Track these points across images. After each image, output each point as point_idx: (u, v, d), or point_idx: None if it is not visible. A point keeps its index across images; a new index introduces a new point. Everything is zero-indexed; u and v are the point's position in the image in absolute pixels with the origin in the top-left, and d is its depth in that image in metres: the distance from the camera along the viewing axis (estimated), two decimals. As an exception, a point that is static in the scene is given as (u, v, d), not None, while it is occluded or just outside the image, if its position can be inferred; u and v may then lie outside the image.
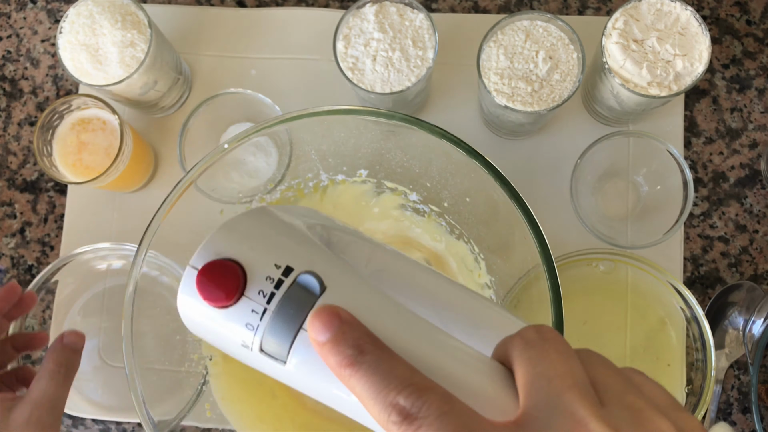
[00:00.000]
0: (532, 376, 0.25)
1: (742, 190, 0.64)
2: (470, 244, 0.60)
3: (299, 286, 0.28)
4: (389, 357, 0.25)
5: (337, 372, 0.25)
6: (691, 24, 0.55)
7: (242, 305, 0.28)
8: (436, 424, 0.23)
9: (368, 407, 0.24)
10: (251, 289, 0.28)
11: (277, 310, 0.28)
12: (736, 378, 0.63)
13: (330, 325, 0.26)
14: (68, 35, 0.58)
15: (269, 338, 0.28)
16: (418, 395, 0.24)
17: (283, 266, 0.29)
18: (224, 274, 0.28)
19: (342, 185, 0.61)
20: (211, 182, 0.58)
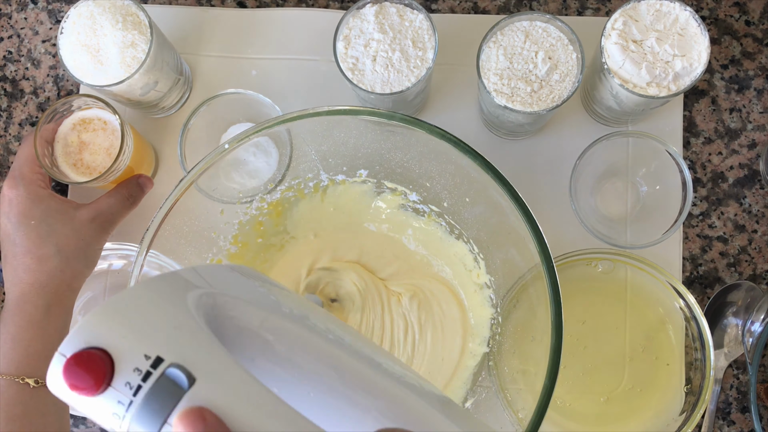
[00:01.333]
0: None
1: (741, 190, 0.65)
2: (470, 244, 0.60)
3: (167, 379, 0.28)
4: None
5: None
6: (690, 24, 0.55)
7: (109, 395, 0.28)
8: None
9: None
10: (118, 379, 0.28)
11: (143, 403, 0.28)
12: (734, 377, 0.63)
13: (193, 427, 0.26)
14: (69, 36, 0.58)
15: (136, 429, 0.28)
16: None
17: (153, 357, 0.28)
18: (91, 365, 0.28)
19: (342, 185, 0.61)
20: (211, 182, 0.58)
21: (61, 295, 0.56)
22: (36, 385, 0.52)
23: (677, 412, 0.60)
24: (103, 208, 0.59)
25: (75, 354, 0.29)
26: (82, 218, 0.58)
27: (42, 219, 0.56)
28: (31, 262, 0.55)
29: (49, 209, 0.56)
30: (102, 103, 0.59)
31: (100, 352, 0.28)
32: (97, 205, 0.59)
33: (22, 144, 0.59)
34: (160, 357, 0.28)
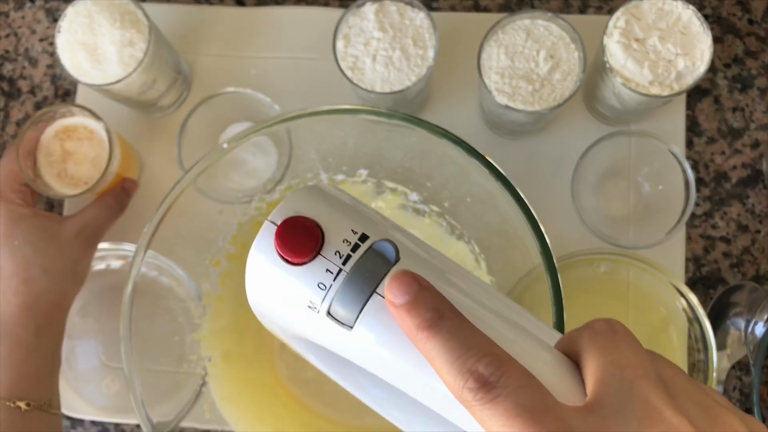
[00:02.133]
0: (603, 363, 0.24)
1: (744, 190, 0.64)
2: (471, 245, 0.60)
3: (375, 252, 0.28)
4: (469, 325, 0.25)
5: (413, 335, 0.25)
6: (692, 23, 0.54)
7: (317, 264, 0.28)
8: (513, 395, 0.23)
9: (443, 373, 0.24)
10: (328, 249, 0.28)
11: (353, 272, 0.27)
12: (737, 379, 0.63)
13: (409, 287, 0.25)
14: (67, 34, 0.58)
15: (340, 300, 0.27)
16: (498, 365, 0.23)
17: (360, 232, 0.29)
18: (303, 231, 0.28)
19: (342, 185, 0.61)
20: (210, 182, 0.58)
21: (51, 316, 0.55)
22: (27, 407, 0.52)
23: (680, 413, 0.60)
24: (89, 220, 0.58)
25: (288, 219, 0.28)
26: (67, 234, 0.56)
27: (25, 239, 0.54)
28: (18, 284, 0.54)
29: (32, 228, 0.55)
30: (87, 111, 0.58)
31: (310, 220, 0.28)
32: (82, 217, 0.58)
33: (2, 160, 0.58)
34: (365, 234, 0.28)
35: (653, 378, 0.24)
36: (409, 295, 0.25)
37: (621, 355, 0.25)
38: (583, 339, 0.26)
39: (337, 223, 0.29)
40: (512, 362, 0.24)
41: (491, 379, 0.23)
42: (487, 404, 0.23)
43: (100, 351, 0.65)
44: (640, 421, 0.23)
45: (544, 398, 0.23)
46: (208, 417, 0.56)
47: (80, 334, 0.65)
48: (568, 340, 0.27)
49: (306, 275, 0.28)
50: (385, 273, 0.27)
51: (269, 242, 0.29)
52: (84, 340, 0.65)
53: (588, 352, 0.25)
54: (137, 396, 0.44)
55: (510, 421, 0.23)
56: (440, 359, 0.24)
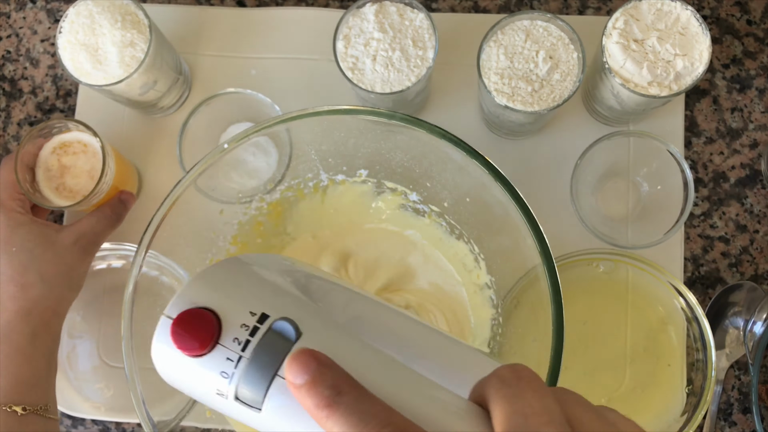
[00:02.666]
0: (508, 413, 0.25)
1: (743, 190, 0.64)
2: (470, 245, 0.60)
3: (275, 333, 0.28)
4: (367, 397, 0.25)
5: (314, 414, 0.25)
6: (691, 24, 0.55)
7: (217, 353, 0.28)
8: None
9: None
10: (226, 336, 0.28)
11: (253, 357, 0.28)
12: (736, 378, 0.63)
13: (307, 367, 0.25)
14: (68, 35, 0.58)
15: (244, 386, 0.28)
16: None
17: (259, 313, 0.29)
18: (198, 323, 0.28)
19: (342, 185, 0.61)
20: (210, 182, 0.58)
21: (47, 322, 0.55)
22: (24, 412, 0.52)
23: (679, 413, 0.60)
24: (86, 230, 0.58)
25: (182, 313, 0.29)
26: (65, 242, 0.57)
27: (23, 245, 0.55)
28: (15, 289, 0.54)
29: (30, 235, 0.56)
30: (82, 126, 0.59)
31: (206, 311, 0.29)
32: (79, 226, 0.58)
33: (1, 169, 0.58)
34: (265, 314, 0.28)
35: (556, 424, 0.24)
36: (308, 375, 0.25)
37: (525, 403, 0.25)
38: (490, 388, 0.26)
39: (235, 308, 0.29)
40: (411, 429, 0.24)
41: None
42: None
43: (101, 350, 0.66)
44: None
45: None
46: (209, 416, 0.56)
47: (81, 334, 0.66)
48: (479, 389, 0.27)
49: (207, 365, 0.28)
50: (286, 353, 0.27)
51: (167, 337, 0.29)
52: (85, 340, 0.66)
53: (494, 402, 0.25)
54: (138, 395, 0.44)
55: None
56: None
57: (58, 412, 0.57)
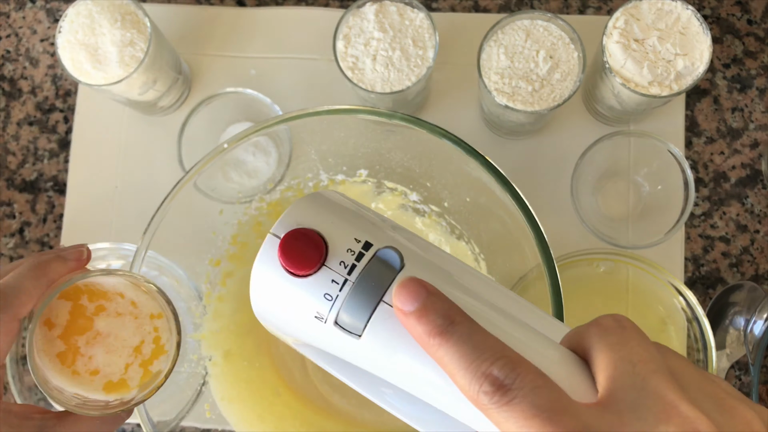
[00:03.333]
0: (614, 360, 0.24)
1: (743, 190, 0.64)
2: (470, 244, 0.60)
3: (380, 260, 0.28)
4: (479, 329, 0.25)
5: (424, 342, 0.25)
6: (692, 23, 0.55)
7: (322, 275, 0.28)
8: (529, 396, 0.23)
9: (456, 378, 0.24)
10: (332, 259, 0.28)
11: (358, 281, 0.28)
12: (737, 378, 0.63)
13: (417, 295, 0.25)
14: (67, 35, 0.58)
15: (347, 310, 0.27)
16: (512, 367, 0.24)
17: (363, 240, 0.28)
18: (307, 242, 0.28)
19: (342, 185, 0.61)
20: (210, 182, 0.58)
21: None
22: None
23: (679, 413, 0.60)
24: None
25: (291, 231, 0.28)
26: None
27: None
28: None
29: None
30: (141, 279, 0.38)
31: (313, 232, 0.28)
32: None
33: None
34: (369, 242, 0.28)
35: (665, 372, 0.24)
36: (418, 303, 0.25)
37: (631, 351, 0.25)
38: (591, 336, 0.26)
39: (340, 233, 0.29)
40: (525, 364, 0.24)
41: (506, 382, 0.23)
42: (504, 407, 0.23)
43: (100, 350, 0.65)
44: (656, 416, 0.23)
45: (559, 397, 0.23)
46: (208, 416, 0.56)
47: (81, 334, 0.65)
48: (576, 337, 0.27)
49: (312, 287, 0.28)
50: (391, 281, 0.27)
51: (272, 255, 0.28)
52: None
53: (597, 349, 0.25)
54: (138, 395, 0.44)
55: (527, 422, 0.23)
56: (454, 365, 0.24)
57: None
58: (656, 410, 0.23)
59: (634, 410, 0.23)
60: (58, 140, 0.68)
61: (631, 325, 0.26)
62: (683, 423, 0.23)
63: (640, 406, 0.23)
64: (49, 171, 0.68)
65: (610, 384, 0.24)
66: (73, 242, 0.66)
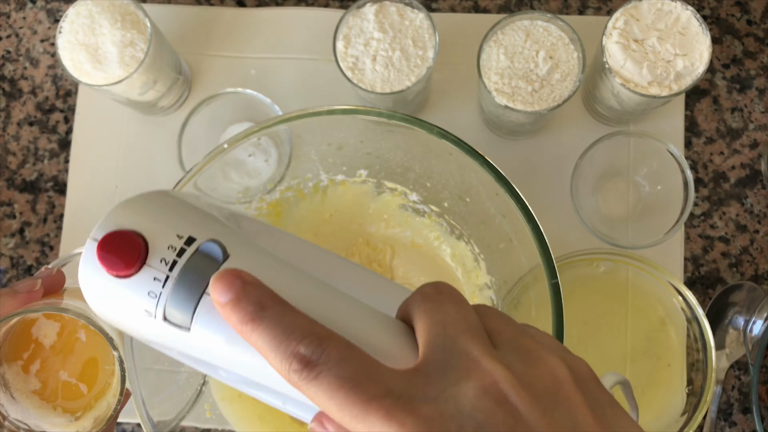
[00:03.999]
0: (429, 324, 0.26)
1: (743, 190, 0.64)
2: (470, 245, 0.60)
3: (202, 254, 0.28)
4: (290, 311, 0.26)
5: (239, 329, 0.26)
6: (691, 24, 0.55)
7: (144, 274, 0.28)
8: (335, 369, 0.24)
9: (270, 360, 0.25)
10: (153, 257, 0.29)
11: (180, 276, 0.28)
12: (736, 378, 0.63)
13: (232, 285, 0.26)
14: (68, 35, 0.58)
15: (172, 305, 0.28)
16: (317, 343, 0.24)
17: (186, 236, 0.29)
18: (125, 244, 0.29)
19: (342, 185, 0.61)
20: (210, 182, 0.58)
21: None
22: None
23: (679, 413, 0.60)
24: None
25: (108, 234, 0.29)
26: None
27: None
28: None
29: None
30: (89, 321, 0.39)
31: (132, 233, 0.29)
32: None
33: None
34: (192, 237, 0.29)
35: (475, 332, 0.25)
36: (232, 292, 0.26)
37: (445, 314, 0.26)
38: (413, 304, 0.27)
39: (161, 230, 0.29)
40: (332, 338, 0.25)
41: (312, 358, 0.24)
42: (312, 381, 0.24)
43: (100, 350, 0.65)
44: (459, 373, 0.24)
45: (365, 366, 0.24)
46: (209, 416, 0.56)
47: (81, 334, 0.65)
48: (404, 307, 0.28)
49: (135, 286, 0.29)
50: (213, 273, 0.28)
51: (94, 259, 0.29)
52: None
53: (417, 316, 0.26)
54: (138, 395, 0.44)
55: (334, 393, 0.23)
56: (266, 348, 0.25)
57: None
58: (460, 367, 0.24)
59: (442, 370, 0.24)
60: (58, 140, 0.68)
61: (449, 290, 0.27)
62: (483, 377, 0.24)
63: (447, 365, 0.24)
64: (50, 171, 0.68)
65: (424, 348, 0.25)
66: (73, 243, 0.66)
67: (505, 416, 0.23)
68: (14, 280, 0.67)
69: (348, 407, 0.23)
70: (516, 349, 0.25)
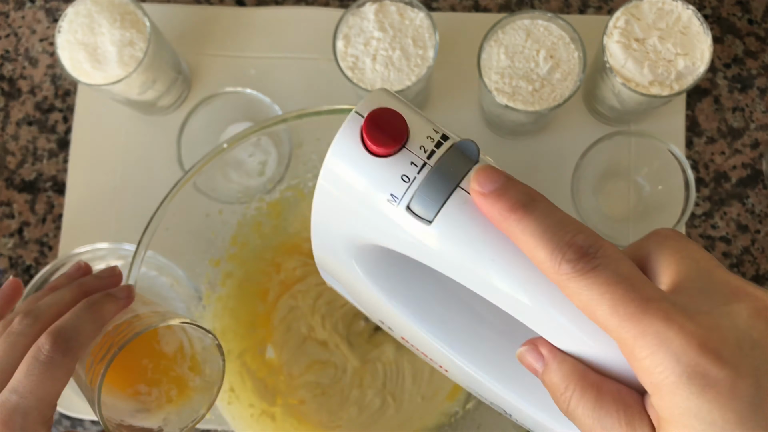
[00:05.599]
0: (678, 259, 0.26)
1: (744, 190, 0.64)
2: (471, 245, 0.60)
3: (458, 150, 0.28)
4: (559, 209, 0.26)
5: (504, 217, 0.25)
6: (692, 23, 0.54)
7: (402, 156, 0.28)
8: (612, 265, 0.24)
9: (537, 251, 0.24)
10: (413, 143, 0.28)
11: (437, 166, 0.27)
12: (737, 379, 0.63)
13: (498, 177, 0.26)
14: (67, 34, 0.58)
15: (422, 193, 0.27)
16: (595, 238, 0.24)
17: (441, 132, 0.29)
18: (392, 121, 0.28)
19: (342, 185, 0.61)
20: (210, 182, 0.58)
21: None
22: None
23: (680, 413, 0.60)
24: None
25: (377, 110, 0.28)
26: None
27: None
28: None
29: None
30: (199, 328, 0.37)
31: (398, 113, 0.28)
32: None
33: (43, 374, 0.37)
34: (446, 135, 0.28)
35: (725, 268, 0.26)
36: (498, 183, 0.26)
37: (693, 251, 0.26)
38: (650, 243, 0.27)
39: (420, 121, 0.29)
40: (605, 240, 0.25)
41: (590, 251, 0.24)
42: (588, 273, 0.24)
43: (100, 351, 0.65)
44: (725, 297, 0.24)
45: (639, 271, 0.24)
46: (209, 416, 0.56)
47: (80, 334, 0.65)
48: (633, 248, 0.28)
49: (391, 166, 0.28)
50: (468, 170, 0.27)
51: (354, 133, 0.28)
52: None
53: (659, 252, 0.26)
54: (137, 396, 0.44)
55: (610, 288, 0.23)
56: (536, 236, 0.25)
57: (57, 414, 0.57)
58: (725, 292, 0.24)
59: (705, 293, 0.24)
60: (57, 140, 0.68)
61: (686, 237, 0.27)
62: (755, 300, 0.24)
63: (710, 290, 0.24)
64: (49, 171, 0.68)
65: (677, 275, 0.25)
66: (72, 243, 0.66)
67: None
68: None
69: (624, 304, 0.23)
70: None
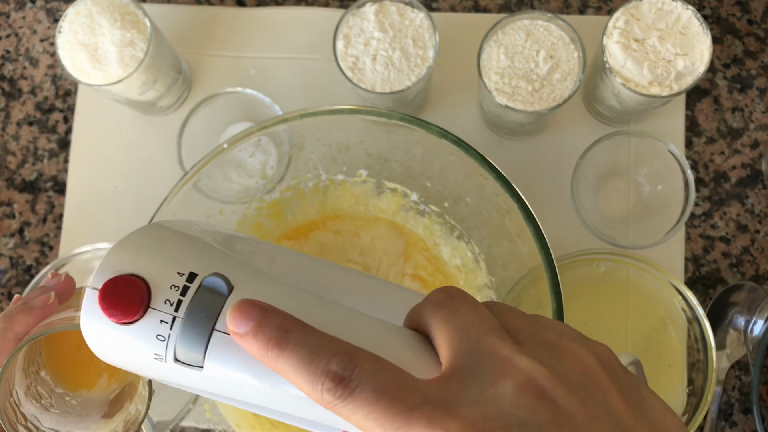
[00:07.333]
0: (449, 331, 0.25)
1: (744, 190, 0.64)
2: (470, 245, 0.60)
3: (206, 290, 0.28)
4: (314, 332, 0.25)
5: (263, 357, 0.25)
6: (692, 23, 0.55)
7: (150, 318, 0.28)
8: (369, 383, 0.23)
9: (299, 383, 0.24)
10: (157, 299, 0.28)
11: (187, 315, 0.27)
12: (737, 378, 0.63)
13: (250, 314, 0.25)
14: (67, 35, 0.58)
15: (182, 346, 0.27)
16: (349, 359, 0.24)
17: (187, 273, 0.28)
18: (127, 289, 0.28)
19: (342, 185, 0.61)
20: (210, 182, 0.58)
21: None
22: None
23: (679, 413, 0.60)
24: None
25: (108, 281, 0.28)
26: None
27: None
28: None
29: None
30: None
31: (132, 277, 0.28)
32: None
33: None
34: (193, 272, 0.28)
35: (498, 331, 0.25)
36: (252, 321, 0.25)
37: (463, 318, 0.26)
38: (425, 312, 0.27)
39: (162, 270, 0.28)
40: (362, 353, 0.24)
41: (345, 374, 0.24)
42: (348, 398, 0.23)
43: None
44: (493, 374, 0.24)
45: (399, 378, 0.24)
46: (208, 416, 0.56)
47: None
48: (414, 316, 0.28)
49: (141, 331, 0.28)
50: (221, 307, 0.27)
51: (96, 308, 0.28)
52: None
53: (433, 324, 0.26)
54: (137, 396, 0.44)
55: (372, 408, 0.23)
56: (294, 371, 0.24)
57: None
58: (493, 368, 0.24)
59: (474, 374, 0.24)
60: (57, 140, 0.68)
61: (460, 294, 0.27)
62: (518, 374, 0.23)
63: (479, 368, 0.24)
64: (49, 171, 0.68)
65: (449, 354, 0.25)
66: (72, 243, 0.66)
67: (546, 410, 0.23)
68: (14, 280, 0.67)
69: (389, 421, 0.23)
70: (540, 343, 0.25)
